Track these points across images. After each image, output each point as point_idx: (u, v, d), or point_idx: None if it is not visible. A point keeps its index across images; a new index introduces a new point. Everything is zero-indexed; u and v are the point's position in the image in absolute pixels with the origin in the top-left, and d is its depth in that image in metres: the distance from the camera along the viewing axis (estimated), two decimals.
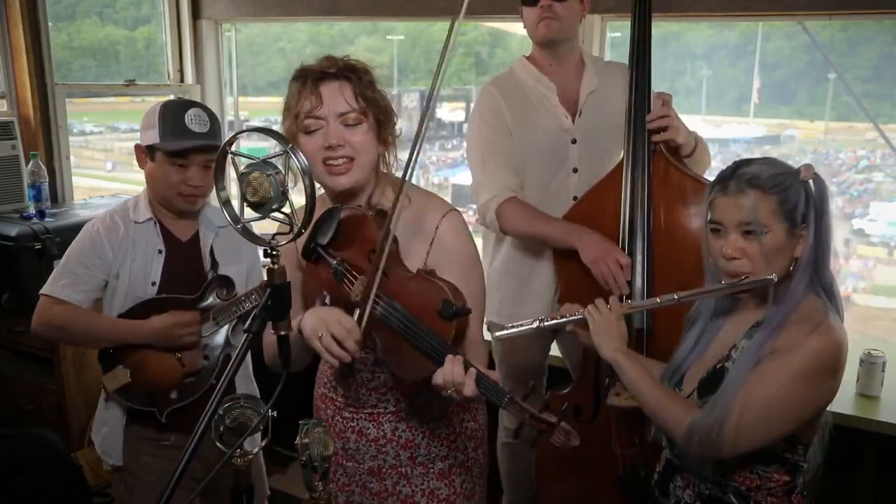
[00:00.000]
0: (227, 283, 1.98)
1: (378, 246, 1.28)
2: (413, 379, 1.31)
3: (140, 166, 1.98)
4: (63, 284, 1.92)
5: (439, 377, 1.25)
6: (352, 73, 1.41)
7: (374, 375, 1.51)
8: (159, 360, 1.93)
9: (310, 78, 1.41)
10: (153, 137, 1.89)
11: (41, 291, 1.95)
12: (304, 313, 1.37)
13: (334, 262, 1.37)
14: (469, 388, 1.23)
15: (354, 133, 1.40)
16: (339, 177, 1.41)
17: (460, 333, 1.28)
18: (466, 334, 1.32)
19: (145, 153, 1.94)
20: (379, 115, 1.44)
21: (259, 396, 2.16)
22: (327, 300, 1.40)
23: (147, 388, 1.95)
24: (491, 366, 2.40)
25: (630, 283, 1.98)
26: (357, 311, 1.31)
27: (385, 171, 1.50)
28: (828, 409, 1.43)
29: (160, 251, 1.97)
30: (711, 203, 1.42)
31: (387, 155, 1.48)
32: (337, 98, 1.39)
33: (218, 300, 1.97)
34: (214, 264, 2.00)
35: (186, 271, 1.98)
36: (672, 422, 1.42)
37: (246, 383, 2.14)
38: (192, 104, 1.96)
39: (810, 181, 1.38)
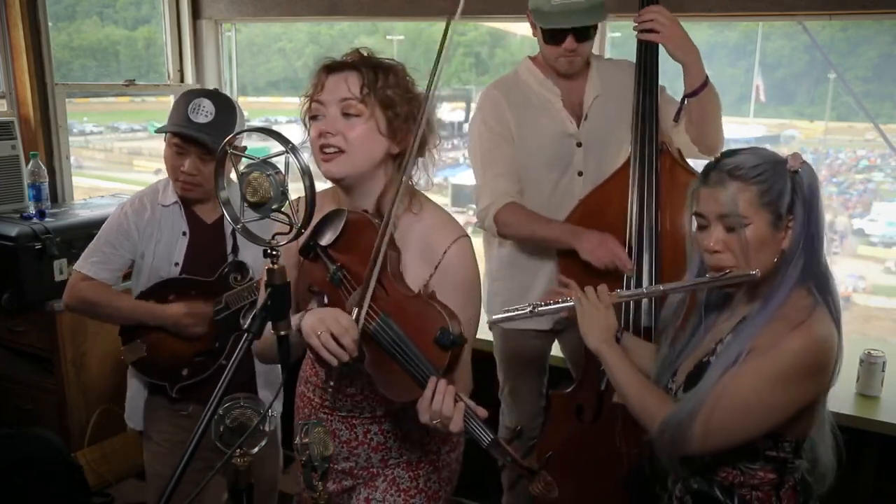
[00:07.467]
0: (241, 268, 2.05)
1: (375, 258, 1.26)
2: (399, 400, 1.28)
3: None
4: (92, 262, 2.03)
5: (426, 408, 1.21)
6: (367, 67, 1.37)
7: (351, 382, 1.50)
8: (174, 339, 2.03)
9: (325, 65, 1.40)
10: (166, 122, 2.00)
11: (74, 266, 2.08)
12: (306, 312, 1.34)
13: (333, 266, 1.35)
14: (456, 424, 1.19)
15: (352, 125, 1.35)
16: (326, 163, 1.36)
17: (453, 363, 1.25)
18: (459, 363, 1.29)
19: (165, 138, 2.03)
20: (390, 114, 1.37)
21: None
22: (326, 300, 1.38)
23: (161, 363, 2.06)
24: (490, 364, 2.43)
25: (637, 282, 1.97)
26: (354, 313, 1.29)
27: (402, 177, 1.36)
28: (828, 409, 1.41)
29: (184, 233, 2.05)
30: (694, 194, 1.39)
31: (408, 164, 1.34)
32: (340, 85, 1.36)
33: (232, 284, 2.05)
34: (235, 248, 2.07)
35: (209, 253, 2.06)
36: (648, 416, 1.41)
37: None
38: (203, 95, 1.99)
39: (799, 170, 1.33)
